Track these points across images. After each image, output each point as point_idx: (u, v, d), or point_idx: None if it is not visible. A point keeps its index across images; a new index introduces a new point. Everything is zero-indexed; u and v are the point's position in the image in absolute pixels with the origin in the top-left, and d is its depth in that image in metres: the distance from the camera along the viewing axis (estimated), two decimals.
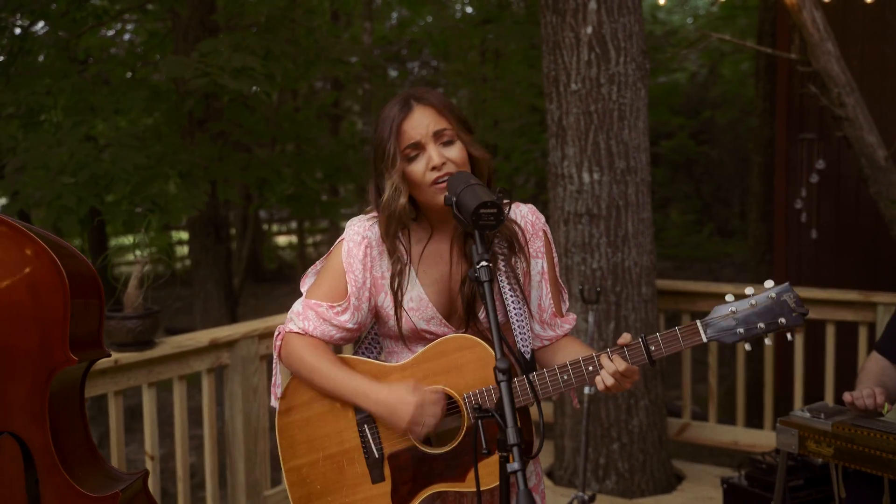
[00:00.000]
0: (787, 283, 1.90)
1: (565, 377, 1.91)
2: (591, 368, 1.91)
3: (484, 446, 1.66)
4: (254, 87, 4.80)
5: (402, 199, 1.97)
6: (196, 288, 7.07)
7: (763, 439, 4.63)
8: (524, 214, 2.11)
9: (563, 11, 4.26)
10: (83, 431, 2.14)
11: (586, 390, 3.66)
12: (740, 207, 19.52)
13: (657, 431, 4.49)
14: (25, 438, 1.96)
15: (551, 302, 2.12)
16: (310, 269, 2.21)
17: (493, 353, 1.94)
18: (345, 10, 10.55)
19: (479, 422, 1.67)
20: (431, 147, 1.95)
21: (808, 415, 2.81)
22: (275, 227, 20.56)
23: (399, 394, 1.94)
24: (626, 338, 1.90)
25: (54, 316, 1.96)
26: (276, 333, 2.14)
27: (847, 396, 2.72)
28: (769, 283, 1.90)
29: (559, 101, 4.35)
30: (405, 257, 2.04)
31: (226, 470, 3.84)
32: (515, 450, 1.53)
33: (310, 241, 17.16)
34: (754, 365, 5.89)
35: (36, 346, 1.97)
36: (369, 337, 2.25)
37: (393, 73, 15.78)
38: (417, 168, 1.96)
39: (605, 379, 1.87)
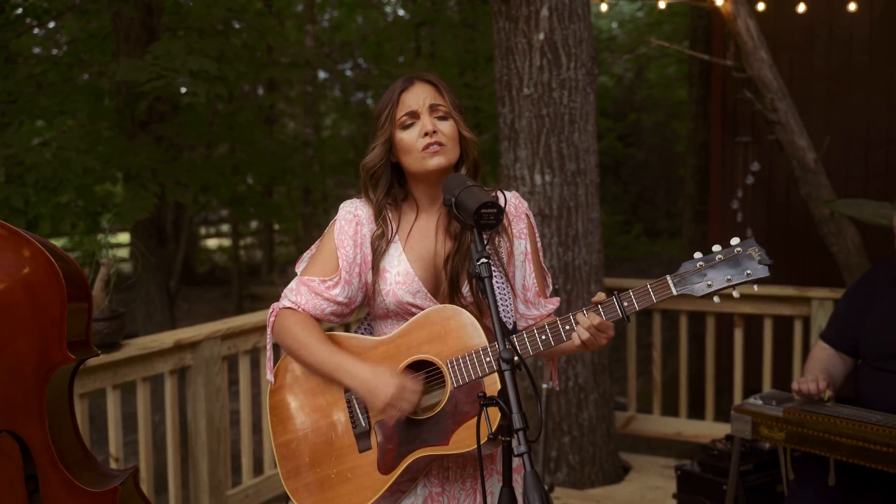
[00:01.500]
0: (751, 238, 2.01)
1: (543, 337, 2.00)
2: (567, 327, 1.99)
3: (490, 432, 1.75)
4: (185, 90, 4.78)
5: (377, 156, 2.12)
6: (138, 291, 7.00)
7: (705, 430, 4.84)
8: (508, 198, 2.22)
9: (516, 18, 4.38)
10: (75, 430, 2.17)
11: (544, 385, 3.78)
12: (666, 208, 20.05)
13: (606, 424, 4.65)
14: (24, 436, 1.98)
15: (535, 281, 2.22)
16: (304, 255, 2.30)
17: (473, 320, 2.05)
18: (285, 12, 10.50)
19: (485, 408, 1.76)
20: (426, 115, 2.09)
21: (760, 402, 2.99)
22: (203, 230, 20.31)
23: (381, 375, 2.02)
24: (600, 296, 2.01)
25: (52, 316, 1.99)
26: (270, 310, 2.22)
27: (794, 385, 2.90)
28: (735, 240, 2.00)
29: (512, 105, 4.48)
30: (391, 229, 2.15)
31: (188, 470, 3.85)
32: (521, 433, 1.63)
33: (243, 243, 17.01)
34: (696, 359, 6.12)
35: (34, 345, 1.99)
36: (364, 323, 2.33)
37: (322, 75, 15.74)
38: (411, 135, 2.09)
39: (580, 334, 1.97)
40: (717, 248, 2.02)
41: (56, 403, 2.08)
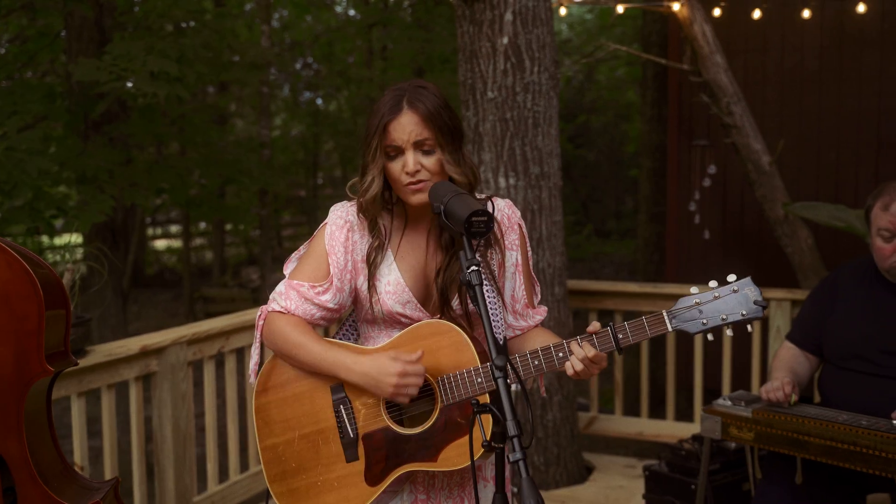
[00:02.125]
0: (748, 278, 2.03)
1: (536, 363, 2.02)
2: (560, 355, 2.01)
3: (484, 439, 1.76)
4: (145, 92, 4.70)
5: (376, 189, 2.09)
6: (96, 296, 6.86)
7: (667, 429, 4.91)
8: (500, 208, 2.22)
9: (480, 22, 4.40)
10: (53, 443, 2.13)
11: (513, 387, 3.79)
12: (615, 208, 20.29)
13: (569, 425, 4.70)
14: (2, 451, 1.93)
15: (524, 293, 2.23)
16: (292, 255, 2.28)
17: (465, 338, 2.05)
18: (236, 11, 10.38)
19: (478, 415, 1.77)
20: (410, 153, 2.04)
21: (729, 403, 3.05)
22: (150, 231, 20.00)
23: (381, 362, 2.02)
24: (595, 326, 2.02)
25: (29, 327, 1.94)
26: (258, 314, 2.20)
27: (763, 392, 2.97)
28: (731, 277, 2.02)
29: (476, 109, 4.50)
30: (384, 235, 2.15)
31: (153, 477, 3.80)
32: (516, 440, 1.64)
33: (192, 244, 16.78)
34: (654, 358, 6.20)
35: (10, 358, 1.94)
36: (347, 322, 2.33)
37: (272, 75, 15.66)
38: (395, 167, 2.07)
39: (574, 364, 1.98)
40: (713, 283, 2.04)
41: (34, 416, 2.03)
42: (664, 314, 2.00)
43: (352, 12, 16.65)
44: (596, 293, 5.04)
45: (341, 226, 2.16)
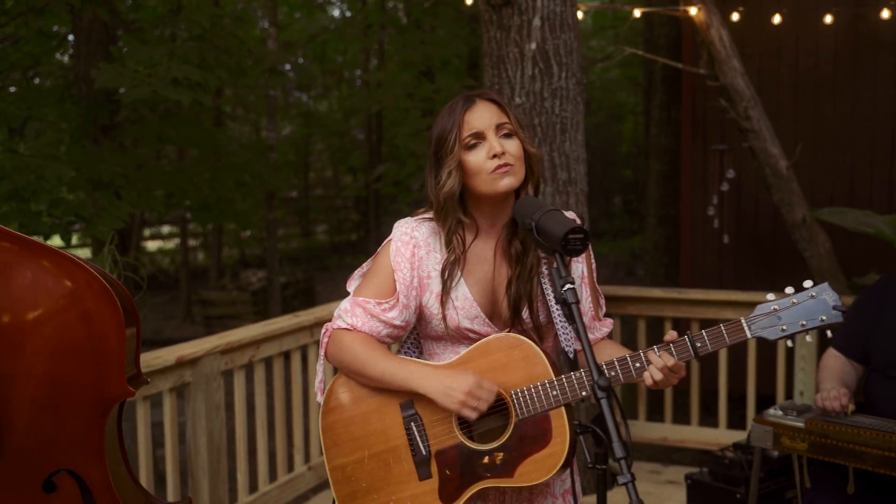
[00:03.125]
0: (825, 283, 2.01)
1: (612, 373, 1.99)
2: (637, 365, 1.99)
3: (589, 459, 1.74)
4: (169, 98, 4.64)
5: (453, 183, 2.06)
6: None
7: (691, 434, 4.91)
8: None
9: (508, 27, 4.37)
10: (126, 463, 2.09)
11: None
12: (607, 209, 20.34)
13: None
14: (83, 475, 1.89)
15: (591, 305, 2.22)
16: (355, 272, 2.28)
17: (538, 350, 2.04)
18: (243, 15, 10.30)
19: (580, 435, 1.75)
20: (492, 136, 2.05)
21: (780, 412, 3.04)
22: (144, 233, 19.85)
23: (455, 374, 2.01)
24: (672, 335, 2.00)
25: (109, 347, 1.90)
26: (323, 331, 2.19)
27: (818, 400, 2.96)
28: (808, 283, 2.01)
29: None
30: (460, 248, 2.11)
31: (188, 489, 3.75)
32: (623, 462, 1.62)
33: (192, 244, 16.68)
34: None
35: (92, 379, 1.90)
36: (410, 339, 2.31)
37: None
38: (478, 156, 2.05)
39: (653, 374, 1.96)
40: (789, 290, 2.03)
41: (110, 438, 1.99)
42: (743, 322, 1.99)
43: (349, 13, 16.59)
44: (620, 298, 5.02)
45: (406, 242, 2.14)
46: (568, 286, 1.78)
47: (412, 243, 2.14)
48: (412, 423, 2.08)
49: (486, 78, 4.60)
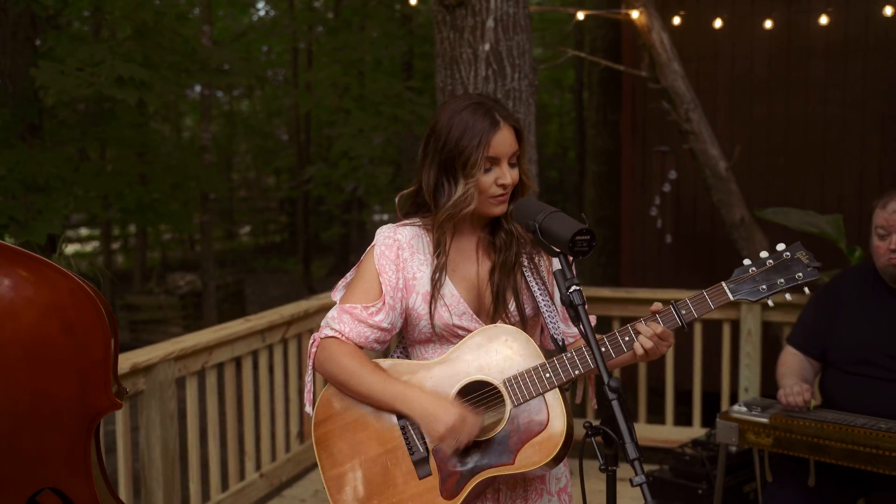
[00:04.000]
0: (798, 242, 2.07)
1: (602, 349, 2.00)
2: (626, 338, 2.01)
3: (601, 462, 1.74)
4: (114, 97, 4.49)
5: (473, 205, 2.06)
6: None
7: (640, 432, 4.96)
8: None
9: (462, 28, 4.36)
10: (106, 479, 2.00)
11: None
12: None
13: None
14: (69, 493, 1.80)
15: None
16: (339, 283, 2.25)
17: (527, 337, 2.05)
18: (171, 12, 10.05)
19: (591, 437, 1.74)
20: (505, 165, 2.06)
21: (745, 409, 3.10)
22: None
23: (442, 403, 2.00)
24: (657, 306, 2.03)
25: (94, 358, 1.82)
26: (311, 341, 2.15)
27: (782, 396, 3.03)
28: (781, 246, 2.06)
29: None
30: (444, 254, 2.12)
31: (141, 501, 3.63)
32: (637, 463, 1.62)
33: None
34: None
35: (76, 391, 1.82)
36: (398, 349, 2.29)
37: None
38: (487, 179, 2.05)
39: (644, 343, 1.98)
40: (764, 254, 2.09)
41: (93, 452, 1.91)
42: (723, 284, 2.04)
43: (273, 12, 16.36)
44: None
45: (390, 245, 2.14)
46: (574, 287, 1.77)
47: (396, 245, 2.14)
48: (407, 423, 2.07)
49: (439, 79, 4.58)
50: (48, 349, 1.82)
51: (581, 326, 1.75)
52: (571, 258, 1.83)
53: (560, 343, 2.10)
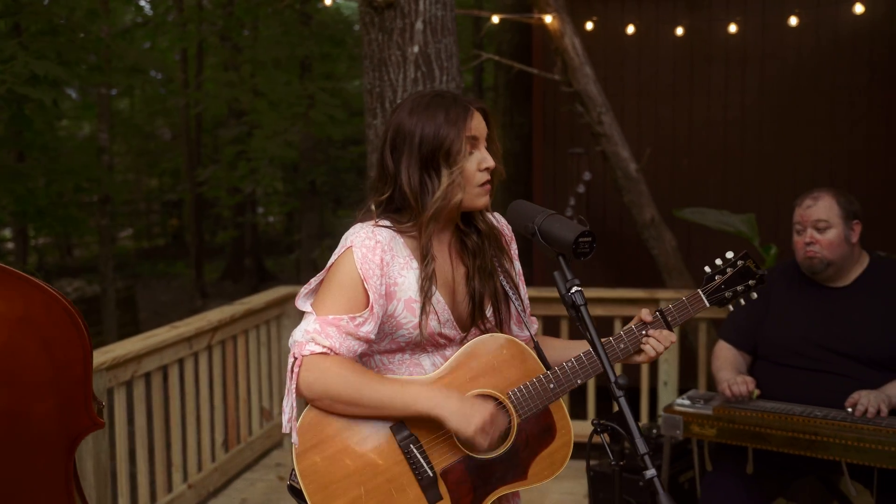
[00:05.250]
0: (744, 252, 2.26)
1: (622, 346, 2.06)
2: (622, 346, 2.06)
3: (612, 458, 1.78)
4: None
5: (461, 195, 1.98)
6: None
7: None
8: (500, 220, 2.20)
9: (391, 30, 4.36)
10: (84, 499, 1.92)
11: None
12: None
13: None
14: None
15: (528, 302, 2.22)
16: (302, 290, 2.03)
17: (524, 346, 2.04)
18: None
19: (600, 434, 1.78)
20: (483, 147, 2.01)
21: (688, 402, 3.22)
22: None
23: (470, 400, 1.91)
24: (647, 315, 2.10)
25: (74, 376, 1.71)
26: (291, 361, 1.92)
27: (725, 388, 3.16)
28: (730, 254, 2.24)
29: (384, 117, 4.44)
30: (433, 260, 2.00)
31: None
32: (647, 457, 1.67)
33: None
34: None
35: (55, 412, 1.71)
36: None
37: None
38: (470, 166, 1.99)
39: (656, 347, 2.07)
40: (719, 262, 2.25)
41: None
42: (700, 293, 2.19)
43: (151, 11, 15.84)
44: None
45: (372, 247, 1.96)
46: (576, 288, 1.80)
47: (379, 248, 1.96)
48: (411, 446, 1.93)
49: (367, 80, 4.56)
50: (24, 369, 1.69)
51: (585, 329, 1.78)
52: (582, 259, 1.86)
53: (538, 347, 2.11)
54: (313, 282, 2.04)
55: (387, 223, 2.03)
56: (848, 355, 3.12)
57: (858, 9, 5.67)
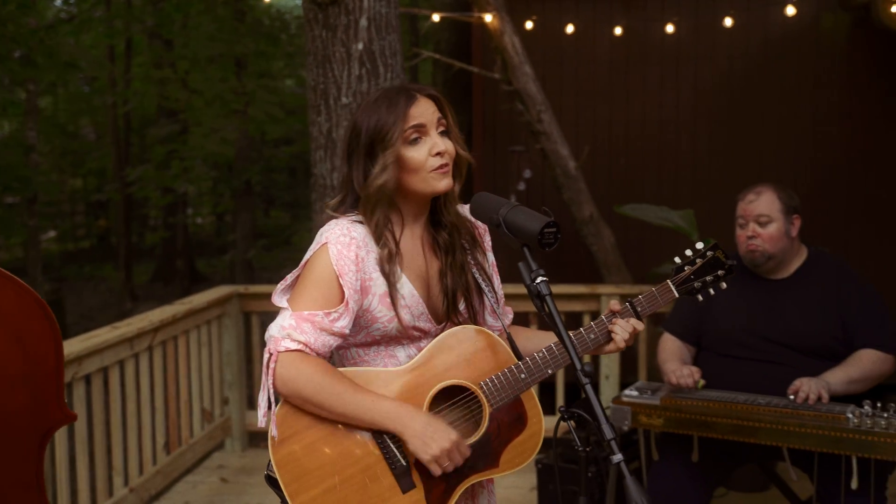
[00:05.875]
0: (714, 242, 2.29)
1: (592, 336, 2.09)
2: (592, 336, 2.09)
3: (578, 444, 1.81)
4: None
5: (389, 178, 1.97)
6: None
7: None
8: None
9: (335, 27, 4.34)
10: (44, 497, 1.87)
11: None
12: None
13: None
14: None
15: (502, 293, 2.25)
16: (279, 286, 2.05)
17: (497, 338, 2.07)
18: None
19: (567, 421, 1.80)
20: (434, 133, 2.01)
21: (636, 393, 3.28)
22: None
23: (438, 426, 1.93)
24: (616, 305, 2.13)
25: (47, 369, 1.69)
26: (266, 356, 1.95)
27: (672, 378, 3.23)
28: (700, 245, 2.27)
29: (329, 114, 4.43)
30: (392, 243, 2.02)
31: None
32: (613, 442, 1.71)
33: None
34: None
35: (29, 407, 1.67)
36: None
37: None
38: (419, 153, 1.99)
39: (623, 337, 2.08)
40: (689, 252, 2.28)
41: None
42: (669, 283, 2.23)
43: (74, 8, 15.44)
44: None
45: (347, 243, 1.97)
46: (540, 278, 1.83)
47: (353, 244, 1.98)
48: (384, 435, 1.96)
49: (311, 77, 4.53)
50: None
51: (551, 318, 1.81)
52: (547, 250, 1.88)
53: (510, 338, 2.14)
54: (289, 277, 2.05)
55: (358, 217, 2.04)
56: (788, 345, 3.22)
57: (790, 10, 5.85)
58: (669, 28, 6.15)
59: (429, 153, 2.00)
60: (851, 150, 6.37)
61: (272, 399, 1.96)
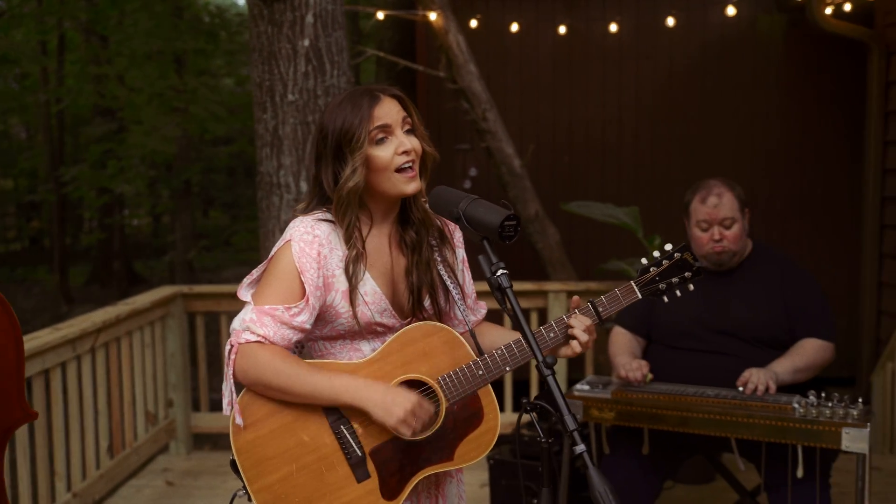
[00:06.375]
0: (683, 244, 2.29)
1: (552, 335, 2.09)
2: (552, 334, 2.10)
3: (541, 436, 1.81)
4: None
5: (358, 178, 2.00)
6: None
7: None
8: None
9: (280, 23, 4.29)
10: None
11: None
12: None
13: None
14: None
15: (473, 288, 2.28)
16: (245, 280, 2.11)
17: (457, 335, 2.08)
18: None
19: (529, 413, 1.81)
20: (400, 132, 2.03)
21: (587, 387, 3.31)
22: None
23: (395, 391, 1.97)
24: (576, 300, 2.15)
25: (7, 367, 1.65)
26: (227, 348, 2.01)
27: (621, 371, 3.27)
28: (669, 246, 2.27)
29: (275, 111, 4.38)
30: (360, 243, 2.06)
31: None
32: (576, 434, 1.72)
33: None
34: None
35: None
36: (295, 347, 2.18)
37: None
38: (385, 152, 2.02)
39: (580, 337, 2.07)
40: (657, 254, 2.29)
41: None
42: (633, 284, 2.22)
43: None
44: None
45: (309, 241, 2.02)
46: (501, 271, 1.84)
47: (316, 242, 2.03)
48: (341, 426, 2.01)
49: (255, 73, 4.48)
50: None
51: (511, 311, 1.82)
52: (507, 242, 1.89)
53: (473, 335, 2.15)
54: (255, 272, 2.12)
55: (327, 215, 2.09)
56: (735, 336, 3.29)
57: (730, 11, 5.98)
58: (612, 27, 6.23)
59: (395, 152, 2.03)
60: (789, 147, 6.53)
61: (233, 390, 2.01)
